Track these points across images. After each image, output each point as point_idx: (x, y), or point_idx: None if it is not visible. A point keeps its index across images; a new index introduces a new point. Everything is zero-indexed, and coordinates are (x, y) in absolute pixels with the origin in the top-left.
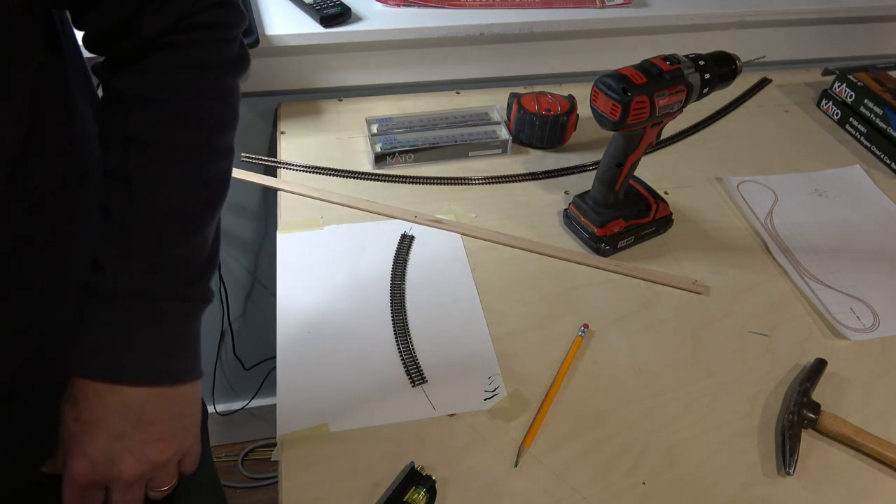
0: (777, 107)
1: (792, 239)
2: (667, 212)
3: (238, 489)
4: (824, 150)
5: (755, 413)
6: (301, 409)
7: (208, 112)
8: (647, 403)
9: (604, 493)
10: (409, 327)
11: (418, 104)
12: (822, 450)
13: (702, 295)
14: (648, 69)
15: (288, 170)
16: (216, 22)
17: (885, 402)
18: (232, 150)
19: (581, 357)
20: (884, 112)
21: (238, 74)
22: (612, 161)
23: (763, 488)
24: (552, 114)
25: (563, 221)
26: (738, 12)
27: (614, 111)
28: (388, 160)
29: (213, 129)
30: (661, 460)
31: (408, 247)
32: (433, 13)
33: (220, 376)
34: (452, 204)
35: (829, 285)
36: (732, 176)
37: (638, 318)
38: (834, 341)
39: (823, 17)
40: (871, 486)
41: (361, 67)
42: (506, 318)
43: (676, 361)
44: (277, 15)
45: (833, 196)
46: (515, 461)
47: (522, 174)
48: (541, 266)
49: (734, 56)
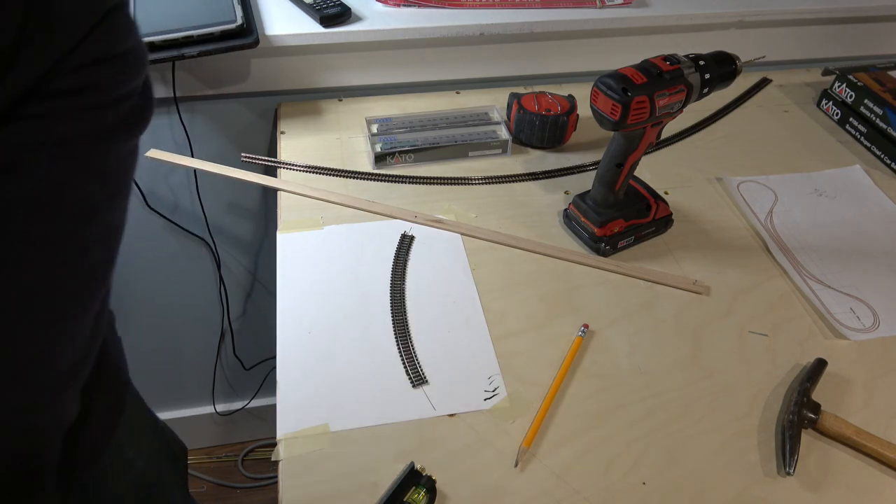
0: (777, 107)
1: (792, 239)
2: (667, 212)
3: (238, 489)
4: (824, 150)
5: (755, 413)
6: (301, 409)
7: (75, 196)
8: (647, 403)
9: (604, 493)
10: (409, 327)
11: (418, 104)
12: (822, 450)
13: (702, 295)
14: (648, 69)
15: (288, 170)
16: (90, 84)
17: (885, 402)
18: (114, 232)
19: (581, 357)
20: (884, 112)
21: (126, 139)
22: (612, 161)
23: (763, 488)
24: (552, 114)
25: (563, 221)
26: (738, 12)
27: (614, 111)
28: (388, 160)
29: (80, 217)
30: (661, 460)
31: (408, 247)
32: (433, 13)
33: (220, 376)
34: (452, 204)
35: (829, 285)
36: (732, 176)
37: (638, 318)
38: (834, 341)
39: (823, 17)
40: (871, 486)
41: (361, 67)
42: (506, 318)
43: (676, 361)
44: (277, 15)
45: (833, 196)
46: (515, 461)
47: (522, 174)
48: (541, 266)
49: (734, 56)
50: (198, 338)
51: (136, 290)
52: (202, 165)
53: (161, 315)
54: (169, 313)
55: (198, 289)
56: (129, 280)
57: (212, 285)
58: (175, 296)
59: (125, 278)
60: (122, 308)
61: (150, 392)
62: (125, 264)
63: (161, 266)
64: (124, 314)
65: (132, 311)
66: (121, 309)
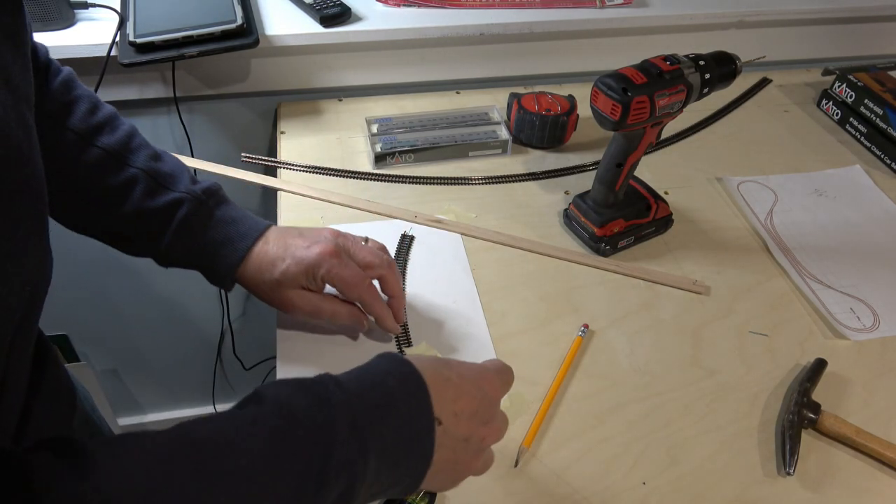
0: (777, 107)
1: (792, 239)
2: (667, 212)
3: None
4: (824, 150)
5: (755, 413)
6: None
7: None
8: (647, 403)
9: (604, 493)
10: (409, 327)
11: (418, 104)
12: (822, 450)
13: (702, 295)
14: (648, 69)
15: (288, 170)
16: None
17: (885, 402)
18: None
19: (581, 357)
20: (884, 112)
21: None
22: (612, 161)
23: (763, 488)
24: (552, 114)
25: (563, 221)
26: (738, 12)
27: (614, 111)
28: (388, 160)
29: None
30: (661, 460)
31: (408, 247)
32: (433, 13)
33: (220, 376)
34: (452, 204)
35: (829, 285)
36: (732, 176)
37: (638, 318)
38: (834, 341)
39: (823, 17)
40: (871, 486)
41: (361, 67)
42: (506, 318)
43: (676, 361)
44: (277, 15)
45: (833, 196)
46: (515, 461)
47: (522, 174)
48: (541, 266)
49: (734, 56)
50: (198, 338)
51: (136, 290)
52: (202, 165)
53: (161, 315)
54: (169, 313)
55: (198, 289)
56: (130, 280)
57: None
58: (175, 296)
59: (125, 278)
60: (122, 308)
61: (150, 392)
62: (125, 264)
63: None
64: (125, 314)
65: (132, 311)
66: (121, 309)
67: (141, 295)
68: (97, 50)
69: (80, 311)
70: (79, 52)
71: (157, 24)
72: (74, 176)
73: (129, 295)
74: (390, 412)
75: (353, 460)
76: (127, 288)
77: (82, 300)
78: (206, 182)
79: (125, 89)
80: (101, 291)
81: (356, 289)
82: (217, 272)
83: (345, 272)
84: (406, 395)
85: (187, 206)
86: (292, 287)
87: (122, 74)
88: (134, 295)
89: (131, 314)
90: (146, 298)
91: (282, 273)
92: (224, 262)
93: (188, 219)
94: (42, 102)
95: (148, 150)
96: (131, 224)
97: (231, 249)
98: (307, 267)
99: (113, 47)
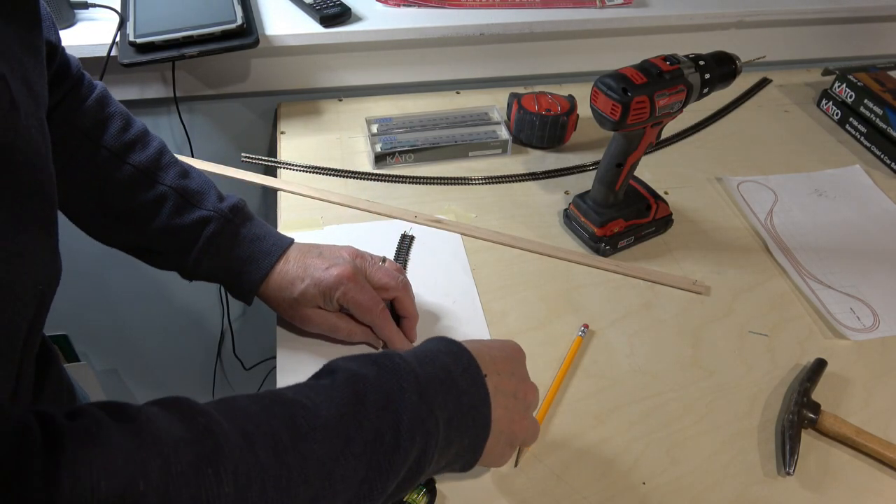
0: (777, 107)
1: (792, 239)
2: (667, 212)
3: None
4: (824, 150)
5: (755, 413)
6: None
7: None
8: (647, 403)
9: (604, 493)
10: None
11: (418, 104)
12: (822, 450)
13: (702, 295)
14: (648, 69)
15: (288, 170)
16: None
17: (885, 402)
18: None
19: (581, 357)
20: (884, 112)
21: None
22: (612, 161)
23: (763, 488)
24: (552, 114)
25: (563, 221)
26: (738, 12)
27: (614, 111)
28: (388, 160)
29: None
30: (661, 460)
31: (408, 247)
32: (433, 13)
33: (220, 376)
34: (452, 204)
35: (829, 285)
36: (732, 176)
37: (638, 318)
38: (834, 341)
39: (823, 17)
40: (871, 486)
41: (361, 67)
42: (506, 318)
43: (676, 361)
44: (277, 15)
45: (833, 196)
46: (515, 461)
47: (522, 174)
48: (541, 266)
49: (734, 56)
50: (198, 338)
51: (137, 291)
52: (202, 165)
53: (161, 315)
54: (169, 313)
55: (198, 289)
56: (130, 280)
57: (212, 285)
58: (175, 296)
59: (125, 279)
60: (122, 308)
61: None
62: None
63: None
64: (125, 314)
65: (132, 311)
66: (121, 309)
67: (141, 295)
68: (97, 50)
69: (80, 311)
70: (79, 53)
71: (157, 24)
72: (107, 192)
73: (129, 295)
74: (450, 385)
75: (426, 419)
76: (127, 288)
77: (82, 300)
78: (232, 198)
79: (125, 89)
80: (102, 291)
81: (369, 313)
82: (240, 288)
83: (360, 296)
84: (462, 371)
85: (214, 225)
86: (310, 306)
87: (122, 74)
88: (134, 295)
89: (131, 314)
90: (146, 299)
91: (300, 293)
92: (247, 280)
93: (215, 237)
94: (76, 118)
95: (177, 167)
96: (160, 240)
97: (255, 267)
98: (325, 289)
99: (113, 47)
